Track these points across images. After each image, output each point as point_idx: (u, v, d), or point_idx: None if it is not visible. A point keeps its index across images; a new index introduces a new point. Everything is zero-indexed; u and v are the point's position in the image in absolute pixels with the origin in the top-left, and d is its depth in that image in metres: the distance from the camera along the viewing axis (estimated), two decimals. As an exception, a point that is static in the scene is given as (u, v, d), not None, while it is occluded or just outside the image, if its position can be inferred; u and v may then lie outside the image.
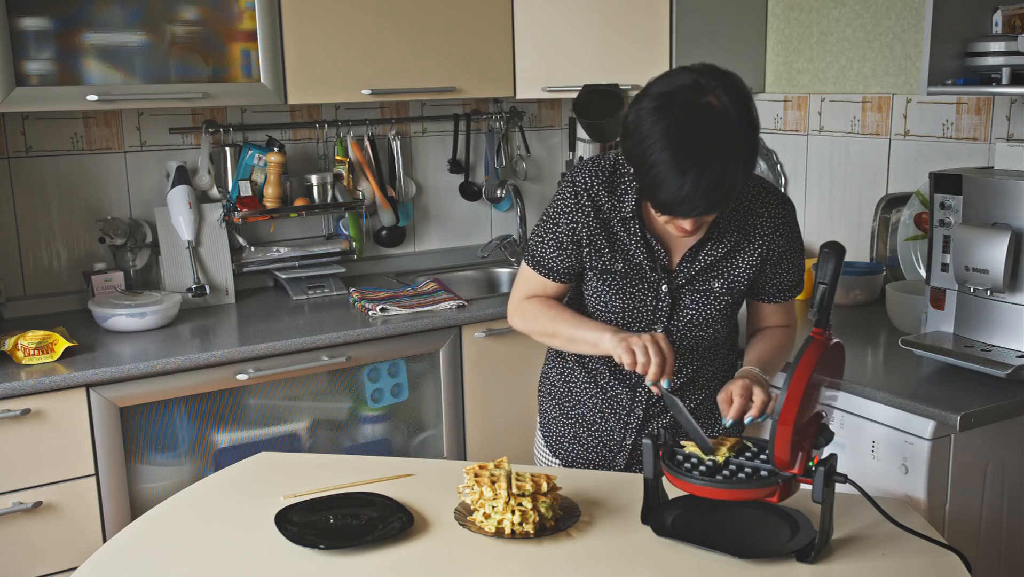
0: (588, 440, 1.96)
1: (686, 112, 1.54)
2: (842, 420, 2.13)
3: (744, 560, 1.45)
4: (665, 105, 1.55)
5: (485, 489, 1.54)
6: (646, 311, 1.80)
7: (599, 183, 1.77)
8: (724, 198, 1.56)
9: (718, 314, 1.82)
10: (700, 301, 1.79)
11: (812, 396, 1.45)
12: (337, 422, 2.84)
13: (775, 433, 1.43)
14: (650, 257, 1.77)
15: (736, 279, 1.80)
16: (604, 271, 1.80)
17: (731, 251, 1.78)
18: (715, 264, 1.78)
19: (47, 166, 2.87)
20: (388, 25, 2.90)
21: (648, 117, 1.55)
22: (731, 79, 1.58)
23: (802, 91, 3.05)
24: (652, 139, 1.53)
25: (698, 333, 1.82)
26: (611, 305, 1.81)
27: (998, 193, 2.10)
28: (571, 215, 1.78)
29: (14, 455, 2.29)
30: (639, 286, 1.79)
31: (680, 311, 1.80)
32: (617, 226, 1.77)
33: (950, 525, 2.02)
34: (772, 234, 1.78)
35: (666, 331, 1.80)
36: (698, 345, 1.86)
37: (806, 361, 1.43)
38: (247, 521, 1.63)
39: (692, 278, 1.78)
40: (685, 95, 1.55)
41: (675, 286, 1.78)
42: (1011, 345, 2.11)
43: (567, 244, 1.80)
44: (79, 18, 2.51)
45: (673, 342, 1.81)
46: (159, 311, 2.68)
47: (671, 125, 1.53)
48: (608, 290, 1.80)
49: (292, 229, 3.26)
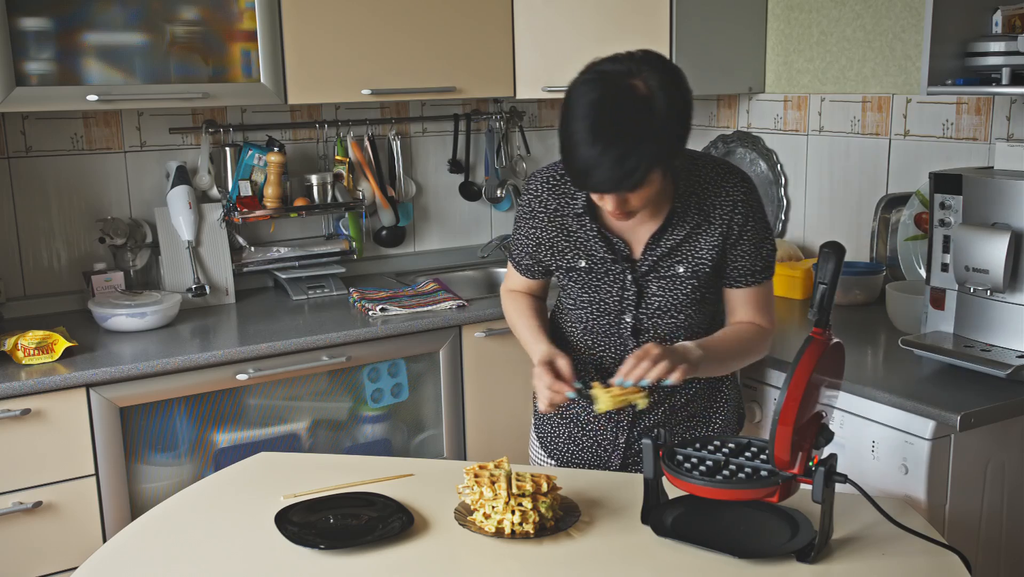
0: (582, 440, 1.97)
1: (610, 89, 1.59)
2: (842, 420, 2.13)
3: (744, 560, 1.45)
4: (595, 80, 1.62)
5: (485, 489, 1.54)
6: (613, 302, 1.83)
7: (547, 189, 1.86)
8: (627, 177, 1.59)
9: (685, 299, 1.82)
10: (666, 287, 1.81)
11: (812, 396, 1.45)
12: (337, 422, 2.84)
13: (775, 433, 1.43)
14: (610, 250, 1.81)
15: (700, 261, 1.80)
16: (569, 269, 1.86)
17: (691, 234, 1.79)
18: (677, 248, 1.80)
19: (47, 166, 2.87)
20: (388, 25, 2.90)
21: (578, 88, 1.62)
22: (668, 69, 1.63)
23: (802, 91, 3.05)
24: (576, 109, 1.60)
25: (669, 320, 1.84)
26: (580, 300, 1.87)
27: (998, 193, 2.10)
28: (527, 223, 1.89)
29: (14, 455, 2.29)
30: (605, 279, 1.83)
31: (647, 299, 1.82)
32: (573, 224, 1.83)
33: (950, 525, 2.02)
34: (731, 213, 1.79)
35: (635, 319, 1.83)
36: (673, 332, 1.86)
37: (806, 361, 1.43)
38: (247, 521, 1.63)
39: (656, 265, 1.80)
40: (616, 75, 1.61)
41: (639, 274, 1.81)
42: (1011, 345, 2.11)
43: (529, 248, 1.92)
44: (79, 18, 2.51)
45: (645, 330, 1.84)
46: (159, 311, 2.68)
47: (594, 98, 1.59)
48: (575, 286, 1.86)
49: (292, 229, 3.26)
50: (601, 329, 1.87)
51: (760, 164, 3.21)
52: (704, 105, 3.41)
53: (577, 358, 1.90)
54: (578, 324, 1.91)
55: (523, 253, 1.95)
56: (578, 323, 1.91)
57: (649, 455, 1.56)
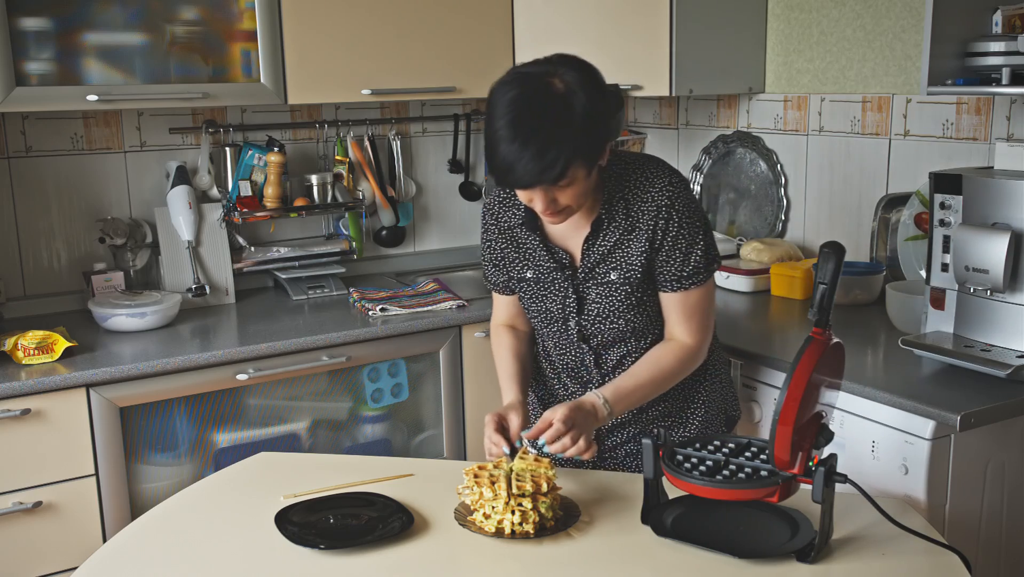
0: None
1: (529, 88, 1.64)
2: (842, 420, 2.13)
3: (744, 560, 1.45)
4: (515, 80, 1.66)
5: (485, 490, 1.54)
6: (557, 310, 1.87)
7: (499, 203, 1.91)
8: (547, 170, 1.61)
9: (622, 305, 1.83)
10: (603, 294, 1.83)
11: (812, 396, 1.45)
12: (337, 422, 2.84)
13: (775, 433, 1.43)
14: (553, 259, 1.84)
15: (631, 268, 1.81)
16: (520, 280, 1.90)
17: (622, 239, 1.81)
18: (609, 254, 1.81)
19: (47, 166, 2.87)
20: (388, 25, 2.90)
21: (498, 89, 1.67)
22: (585, 68, 1.68)
23: (802, 91, 3.05)
24: (497, 108, 1.64)
25: (610, 325, 1.85)
26: (531, 310, 1.92)
27: (998, 193, 2.10)
28: (485, 237, 1.95)
29: (14, 455, 2.29)
30: (551, 288, 1.86)
31: (588, 306, 1.85)
32: (521, 235, 1.88)
33: (950, 525, 2.02)
34: (656, 217, 1.79)
35: (579, 325, 1.86)
36: (617, 336, 1.87)
37: (806, 361, 1.43)
38: (247, 521, 1.63)
39: (592, 272, 1.83)
40: (535, 75, 1.66)
41: (578, 282, 1.84)
42: (1011, 345, 2.11)
43: (495, 261, 1.96)
44: (79, 18, 2.51)
45: (591, 336, 1.87)
46: (159, 311, 2.68)
47: (513, 97, 1.63)
48: (525, 296, 1.91)
49: (292, 229, 3.26)
50: (553, 335, 1.92)
51: (760, 164, 3.21)
52: (704, 105, 3.42)
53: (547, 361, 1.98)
54: (536, 331, 1.98)
55: (491, 267, 1.98)
56: (535, 330, 1.97)
57: (649, 455, 1.56)
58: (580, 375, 1.95)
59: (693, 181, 3.45)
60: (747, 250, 3.03)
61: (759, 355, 2.34)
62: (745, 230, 3.30)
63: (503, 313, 2.04)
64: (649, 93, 2.99)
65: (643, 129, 3.68)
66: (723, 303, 2.87)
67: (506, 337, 2.01)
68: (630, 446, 1.96)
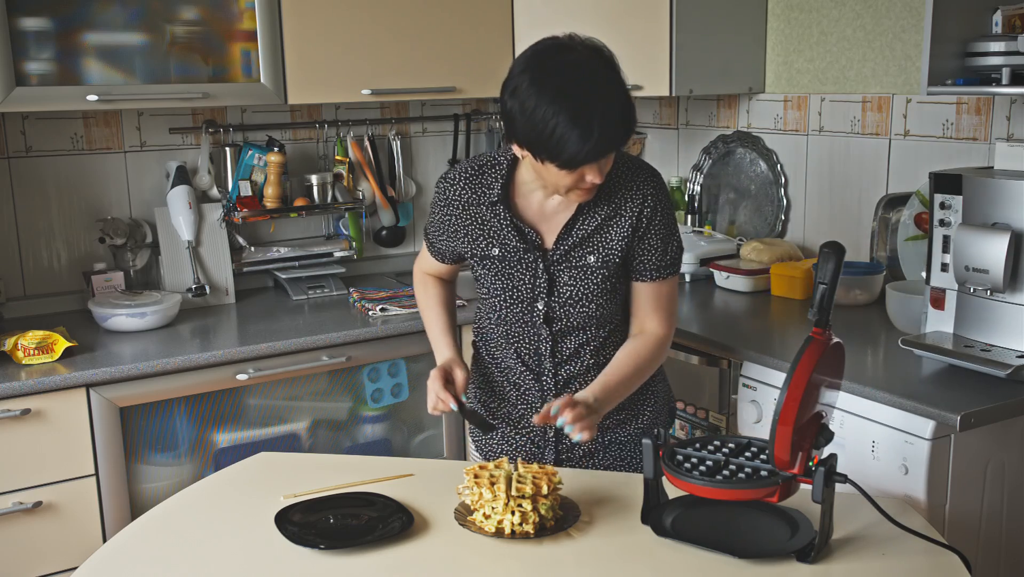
0: (516, 439, 1.99)
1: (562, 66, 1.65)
2: (842, 420, 2.13)
3: (744, 560, 1.45)
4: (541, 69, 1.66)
5: (484, 491, 1.54)
6: (525, 289, 1.87)
7: (463, 180, 1.89)
8: (626, 133, 1.66)
9: (596, 288, 1.85)
10: (577, 276, 1.84)
11: (812, 396, 1.45)
12: (337, 422, 2.85)
13: (775, 433, 1.43)
14: (522, 239, 1.84)
15: (610, 251, 1.84)
16: (483, 257, 1.89)
17: (602, 225, 1.83)
18: (588, 238, 1.83)
19: (47, 166, 2.87)
20: (388, 25, 2.90)
21: (532, 86, 1.64)
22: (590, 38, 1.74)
23: (802, 91, 3.05)
24: (545, 102, 1.62)
25: (580, 309, 1.86)
26: (493, 288, 1.90)
27: (998, 193, 2.10)
28: (442, 210, 1.93)
29: (14, 455, 2.29)
30: (517, 267, 1.87)
31: (559, 288, 1.85)
32: (487, 214, 1.87)
33: (950, 525, 2.02)
34: (641, 205, 1.83)
35: (547, 307, 1.86)
36: (585, 321, 1.88)
37: (806, 361, 1.43)
38: (247, 521, 1.63)
39: (567, 254, 1.84)
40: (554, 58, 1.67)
41: (550, 263, 1.84)
42: (1011, 345, 2.11)
43: (443, 232, 1.96)
44: (79, 18, 2.51)
45: (557, 319, 1.87)
46: (159, 311, 2.68)
47: (556, 83, 1.63)
48: (488, 273, 1.90)
49: (292, 229, 3.27)
50: (514, 317, 1.90)
51: (760, 164, 3.21)
52: (704, 105, 3.41)
53: (497, 348, 1.97)
54: (492, 313, 1.94)
55: (438, 237, 1.99)
56: (492, 312, 1.94)
57: (649, 455, 1.56)
58: (532, 362, 1.93)
59: (693, 181, 3.45)
60: (747, 250, 3.03)
61: (759, 355, 2.34)
62: (745, 230, 3.30)
63: (427, 267, 2.08)
64: (649, 93, 2.99)
65: (643, 129, 3.68)
66: (723, 303, 2.87)
67: (434, 287, 2.05)
68: (588, 445, 1.95)
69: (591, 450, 1.96)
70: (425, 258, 2.09)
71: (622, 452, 1.98)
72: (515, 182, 1.86)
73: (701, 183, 3.43)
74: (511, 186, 1.86)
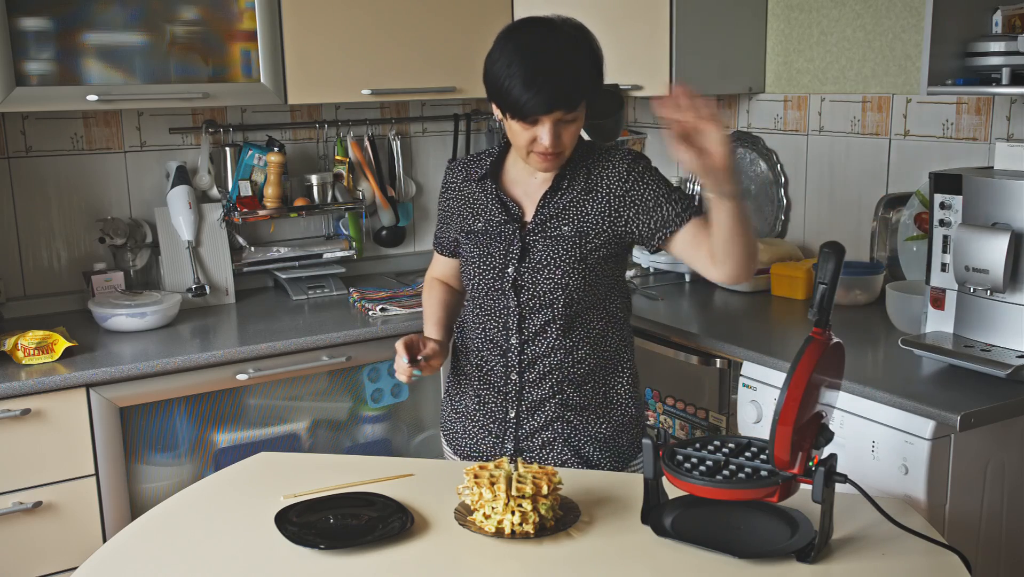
0: (475, 432, 2.01)
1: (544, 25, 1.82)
2: (842, 420, 2.13)
3: (744, 560, 1.45)
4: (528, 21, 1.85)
5: (484, 491, 1.54)
6: (499, 256, 1.94)
7: (461, 164, 2.05)
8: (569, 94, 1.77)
9: (566, 256, 1.90)
10: (549, 245, 1.91)
11: (812, 396, 1.45)
12: (337, 422, 2.85)
13: (775, 433, 1.43)
14: (505, 211, 1.95)
15: (584, 223, 1.91)
16: (468, 231, 1.99)
17: (579, 199, 1.92)
18: (564, 210, 1.92)
19: (47, 166, 2.87)
20: (388, 25, 2.90)
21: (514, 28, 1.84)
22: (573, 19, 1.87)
23: (802, 91, 3.05)
24: (515, 40, 1.80)
25: (547, 275, 1.90)
26: (471, 257, 1.98)
27: (998, 193, 2.10)
28: (444, 192, 2.07)
29: (14, 455, 2.30)
30: (496, 238, 1.95)
31: (531, 255, 1.92)
32: (476, 190, 1.99)
33: (950, 525, 2.02)
34: (620, 183, 1.91)
35: (517, 272, 1.92)
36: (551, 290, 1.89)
37: (806, 361, 1.43)
38: (247, 521, 1.63)
39: (543, 225, 1.92)
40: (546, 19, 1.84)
41: (527, 232, 1.93)
42: (1011, 345, 2.11)
43: (445, 217, 2.07)
44: (79, 18, 2.51)
45: (525, 287, 1.92)
46: (159, 311, 2.68)
47: (532, 30, 1.81)
48: (470, 245, 1.98)
49: (292, 229, 3.27)
50: (486, 286, 1.95)
51: (760, 164, 3.21)
52: (704, 105, 3.41)
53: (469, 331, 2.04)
54: (468, 286, 2.01)
55: (441, 229, 2.10)
56: (467, 284, 2.01)
57: (649, 455, 1.56)
58: (499, 338, 1.95)
59: (693, 181, 3.45)
60: (747, 250, 3.02)
61: (759, 355, 2.34)
62: (745, 230, 3.29)
63: (439, 270, 2.16)
64: (649, 93, 2.99)
65: (643, 129, 3.68)
66: (723, 303, 2.87)
67: (438, 289, 2.14)
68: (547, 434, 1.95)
69: (549, 440, 1.95)
70: (434, 261, 2.19)
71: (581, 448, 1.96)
72: (505, 165, 1.99)
73: (701, 183, 3.42)
74: (501, 166, 1.99)
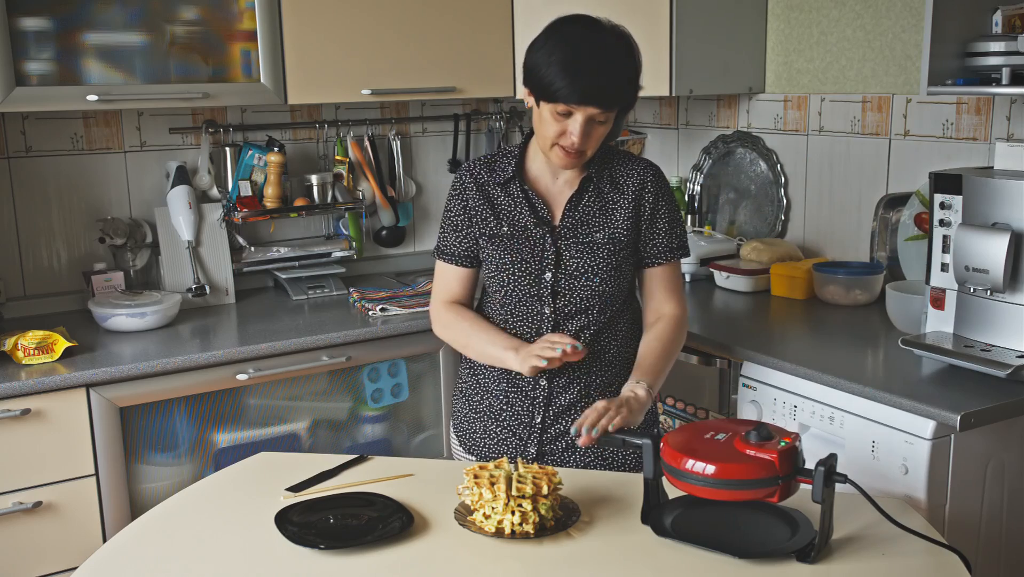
0: (497, 432, 2.01)
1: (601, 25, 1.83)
2: (842, 420, 2.13)
3: (744, 560, 1.45)
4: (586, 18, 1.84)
5: (484, 491, 1.54)
6: (534, 261, 1.92)
7: (480, 165, 2.00)
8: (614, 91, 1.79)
9: (602, 263, 1.91)
10: (584, 251, 1.91)
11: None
12: (337, 422, 2.84)
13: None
14: (533, 213, 1.93)
15: (616, 229, 1.92)
16: (492, 236, 1.95)
17: (607, 204, 1.93)
18: (594, 216, 1.93)
19: (47, 166, 2.87)
20: (388, 25, 2.90)
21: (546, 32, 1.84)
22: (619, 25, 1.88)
23: (802, 91, 3.05)
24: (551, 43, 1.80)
25: (585, 283, 1.91)
26: (502, 263, 1.94)
27: (998, 193, 2.10)
28: (458, 196, 1.99)
29: (14, 455, 2.29)
30: (526, 243, 1.93)
31: (566, 261, 1.91)
32: (499, 194, 1.96)
33: (950, 525, 2.02)
34: (641, 189, 1.94)
35: (555, 278, 1.91)
36: (589, 298, 1.92)
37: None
38: (247, 521, 1.63)
39: (574, 229, 1.92)
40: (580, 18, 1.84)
41: (558, 236, 1.92)
42: (1011, 345, 2.11)
43: (460, 223, 1.99)
44: (79, 18, 2.51)
45: (563, 293, 1.92)
46: (159, 311, 2.68)
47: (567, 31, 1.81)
48: (496, 250, 1.94)
49: (292, 229, 3.27)
50: (521, 292, 1.93)
51: (760, 164, 3.21)
52: (704, 105, 3.41)
53: None
54: (498, 292, 1.97)
55: (452, 234, 2.00)
56: (498, 290, 1.96)
57: (649, 455, 1.56)
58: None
59: (693, 181, 3.45)
60: (747, 250, 3.03)
61: (759, 355, 2.34)
62: (745, 230, 3.30)
63: (447, 291, 2.03)
64: (649, 93, 2.99)
65: (643, 129, 3.68)
66: (723, 303, 2.87)
67: (466, 313, 2.01)
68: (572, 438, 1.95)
69: (572, 443, 1.96)
70: (440, 285, 2.05)
71: (604, 450, 1.98)
72: (526, 165, 1.97)
73: (701, 183, 3.43)
74: (523, 166, 1.97)
